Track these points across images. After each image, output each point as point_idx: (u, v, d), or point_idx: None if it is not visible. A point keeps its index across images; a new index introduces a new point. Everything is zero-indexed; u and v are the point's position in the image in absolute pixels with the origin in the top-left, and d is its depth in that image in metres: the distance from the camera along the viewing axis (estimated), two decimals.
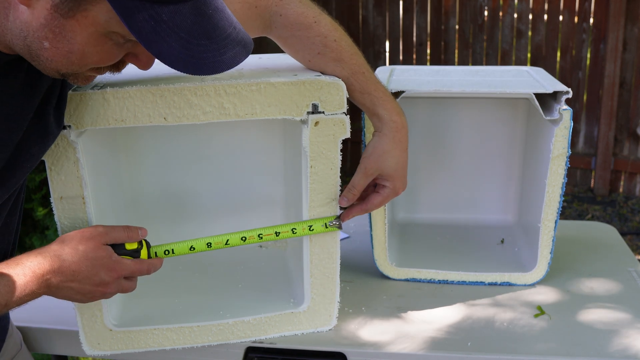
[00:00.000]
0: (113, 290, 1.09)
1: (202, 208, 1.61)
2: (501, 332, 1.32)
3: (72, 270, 1.01)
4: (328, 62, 1.20)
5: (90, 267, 1.03)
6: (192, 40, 0.83)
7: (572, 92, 1.37)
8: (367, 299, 1.45)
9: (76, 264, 1.02)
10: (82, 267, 1.02)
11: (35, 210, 3.15)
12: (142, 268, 1.12)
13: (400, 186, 1.26)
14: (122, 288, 1.10)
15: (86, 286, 1.04)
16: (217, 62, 0.86)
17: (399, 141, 1.23)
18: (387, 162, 1.22)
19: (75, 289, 1.03)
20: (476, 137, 1.77)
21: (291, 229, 1.22)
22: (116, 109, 1.12)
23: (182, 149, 1.57)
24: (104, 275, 1.05)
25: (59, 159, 1.12)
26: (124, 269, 1.08)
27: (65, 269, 1.00)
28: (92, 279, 1.04)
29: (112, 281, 1.07)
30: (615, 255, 1.68)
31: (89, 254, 1.03)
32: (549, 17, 4.58)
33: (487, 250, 1.66)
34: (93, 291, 1.06)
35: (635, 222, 4.25)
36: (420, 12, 4.89)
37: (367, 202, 1.26)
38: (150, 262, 1.13)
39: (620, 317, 1.37)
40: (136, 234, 1.12)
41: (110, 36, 0.85)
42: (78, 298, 1.06)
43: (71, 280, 1.01)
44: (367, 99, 1.21)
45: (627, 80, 4.40)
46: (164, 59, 0.83)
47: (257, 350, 1.30)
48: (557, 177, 1.40)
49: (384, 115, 1.21)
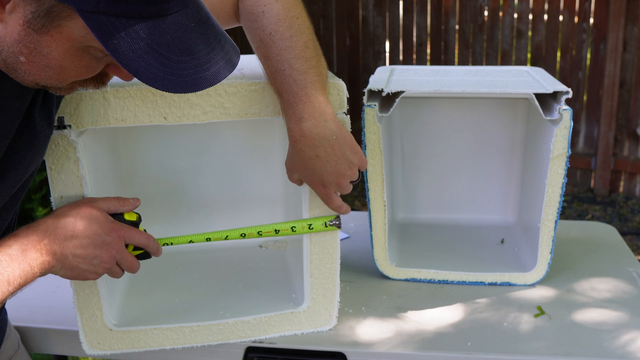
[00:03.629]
0: (118, 253, 1.05)
1: (202, 208, 1.61)
2: (501, 332, 1.32)
3: (70, 231, 0.99)
4: (260, 58, 1.13)
5: (88, 226, 1.01)
6: (172, 57, 0.79)
7: (572, 92, 1.37)
8: (367, 299, 1.45)
9: (72, 225, 1.00)
10: (79, 227, 1.00)
11: (35, 210, 3.15)
12: (142, 237, 1.08)
13: (323, 192, 1.16)
14: (126, 257, 1.07)
15: (89, 249, 1.00)
16: (199, 79, 0.82)
17: (300, 151, 1.11)
18: (297, 170, 1.16)
19: (80, 255, 1.00)
20: (476, 137, 1.77)
21: (291, 227, 1.22)
22: (116, 109, 1.12)
23: (183, 148, 1.57)
24: (104, 235, 1.02)
25: (59, 159, 1.13)
26: (122, 229, 1.05)
27: (62, 231, 0.98)
28: (93, 238, 1.01)
29: (113, 241, 1.03)
30: (615, 255, 1.68)
31: (82, 214, 1.01)
32: (549, 17, 4.58)
33: (487, 250, 1.66)
34: (99, 255, 1.02)
35: (635, 222, 4.25)
36: (420, 12, 4.90)
37: None
38: (149, 237, 1.10)
39: (620, 317, 1.37)
40: (128, 201, 1.10)
41: (88, 50, 0.82)
42: (87, 267, 1.02)
43: (72, 243, 0.99)
44: (280, 101, 1.12)
45: (627, 80, 4.40)
46: (141, 78, 0.79)
47: (257, 350, 1.30)
48: (557, 177, 1.40)
49: (286, 122, 1.11)
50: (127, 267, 1.09)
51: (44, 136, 1.02)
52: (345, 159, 1.12)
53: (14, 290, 0.94)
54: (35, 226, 0.99)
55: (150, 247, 1.11)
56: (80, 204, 1.05)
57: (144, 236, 1.10)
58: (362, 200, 4.56)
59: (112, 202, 1.08)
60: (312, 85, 1.09)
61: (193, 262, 1.56)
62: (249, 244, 1.64)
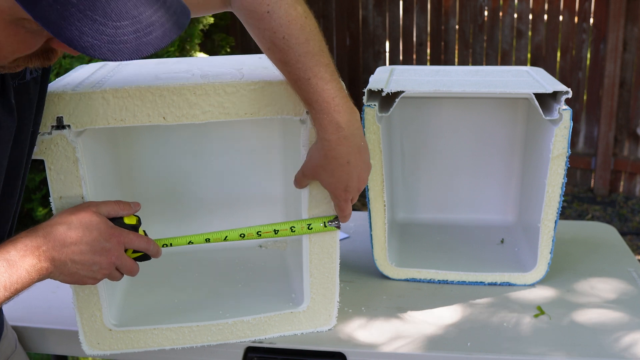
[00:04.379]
0: (118, 259, 1.04)
1: (202, 208, 1.61)
2: (501, 332, 1.32)
3: (69, 237, 0.98)
4: (275, 62, 1.11)
5: (87, 232, 1.00)
6: (108, 22, 0.72)
7: (572, 92, 1.36)
8: (367, 299, 1.45)
9: (72, 231, 0.99)
10: (78, 234, 0.99)
11: (35, 210, 3.15)
12: (141, 242, 1.08)
13: (344, 197, 1.17)
14: (125, 262, 1.06)
15: (88, 256, 1.00)
16: (142, 44, 0.75)
17: (333, 158, 1.12)
18: (321, 176, 1.17)
19: (80, 261, 0.99)
20: (476, 137, 1.77)
21: (290, 227, 1.22)
22: (115, 109, 1.12)
23: (182, 148, 1.57)
24: (103, 242, 1.02)
25: (58, 159, 1.12)
26: (122, 235, 1.05)
27: (61, 238, 0.97)
28: (92, 245, 1.00)
29: (113, 247, 1.03)
30: (615, 255, 1.68)
31: (82, 220, 1.01)
32: (549, 17, 4.58)
33: (487, 250, 1.66)
34: (98, 261, 1.01)
35: (635, 222, 4.25)
36: (420, 12, 4.90)
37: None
38: (149, 240, 1.10)
39: (620, 317, 1.37)
40: (128, 205, 1.09)
41: (21, 23, 0.77)
42: (86, 273, 1.01)
43: (71, 249, 0.98)
44: (309, 109, 1.13)
45: (627, 80, 4.40)
46: (75, 47, 0.73)
47: (256, 350, 1.30)
48: (557, 177, 1.40)
49: (319, 131, 1.12)
50: (127, 271, 1.08)
51: (7, 127, 0.96)
52: (367, 165, 1.17)
53: (11, 296, 0.93)
54: (34, 232, 0.98)
55: (149, 251, 1.11)
56: (80, 209, 1.04)
57: (143, 240, 1.09)
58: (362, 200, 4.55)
59: (112, 206, 1.08)
60: (340, 93, 1.10)
61: (193, 262, 1.55)
62: (248, 244, 1.64)
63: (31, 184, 3.12)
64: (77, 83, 1.16)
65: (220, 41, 4.03)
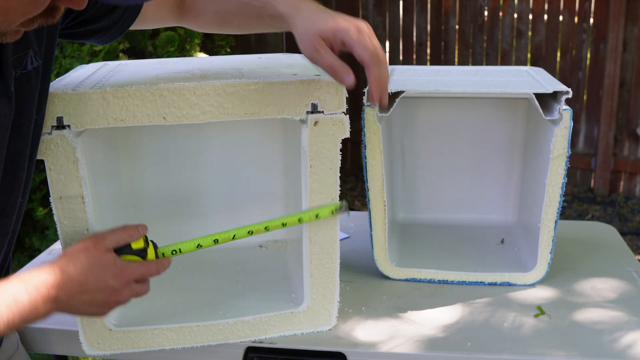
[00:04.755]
0: (126, 296, 1.05)
1: (202, 208, 1.61)
2: (501, 332, 1.32)
3: (79, 281, 0.99)
4: (237, 11, 1.17)
5: (97, 276, 1.00)
6: None
7: (572, 92, 1.37)
8: (367, 299, 1.45)
9: (82, 275, 0.99)
10: (88, 277, 1.00)
11: (35, 210, 3.15)
12: (151, 269, 1.09)
13: (353, 26, 1.14)
14: (135, 292, 1.07)
15: (97, 296, 1.01)
16: None
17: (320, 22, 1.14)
18: (320, 21, 1.14)
19: (87, 301, 1.00)
20: (476, 137, 1.77)
21: (297, 219, 1.21)
22: (115, 109, 1.12)
23: (182, 148, 1.57)
24: (112, 282, 1.02)
25: (58, 159, 1.12)
26: (132, 273, 1.05)
27: (71, 281, 0.98)
28: (102, 288, 1.01)
29: (122, 287, 1.04)
30: (615, 255, 1.68)
31: (93, 262, 1.01)
32: (549, 17, 4.58)
33: (487, 250, 1.66)
34: (106, 301, 1.03)
35: (635, 222, 4.25)
36: (420, 12, 4.90)
37: (365, 68, 1.11)
38: (158, 262, 1.10)
39: (620, 317, 1.37)
40: (136, 231, 1.09)
41: None
42: (94, 311, 1.03)
43: (80, 293, 0.99)
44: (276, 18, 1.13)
45: (627, 80, 4.40)
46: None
47: (257, 350, 1.30)
48: (557, 177, 1.40)
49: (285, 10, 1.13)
50: (136, 297, 1.09)
51: (4, 114, 0.96)
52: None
53: (11, 331, 0.94)
54: (45, 277, 0.97)
55: (160, 273, 1.11)
56: (89, 246, 1.03)
57: (153, 268, 1.09)
58: (362, 200, 4.57)
59: (120, 236, 1.07)
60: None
61: (193, 262, 1.55)
62: (249, 244, 1.64)
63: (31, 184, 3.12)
64: (77, 83, 1.16)
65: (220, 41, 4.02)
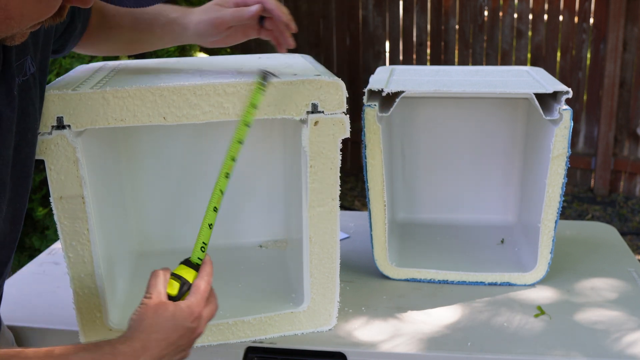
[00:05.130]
0: (203, 326, 1.04)
1: (202, 208, 1.61)
2: (501, 332, 1.32)
3: (164, 340, 0.98)
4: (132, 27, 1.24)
5: (174, 328, 0.99)
6: None
7: (572, 92, 1.37)
8: (367, 299, 1.45)
9: (164, 334, 0.98)
10: (169, 334, 0.99)
11: (35, 210, 3.15)
12: (204, 285, 1.04)
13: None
14: (209, 317, 1.06)
15: (180, 342, 1.00)
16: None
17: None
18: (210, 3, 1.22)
19: (174, 351, 1.00)
20: (476, 137, 1.77)
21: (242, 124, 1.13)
22: (115, 109, 1.12)
23: (182, 148, 1.57)
24: (188, 325, 1.00)
25: (58, 159, 1.12)
26: (198, 304, 1.02)
27: (157, 343, 0.97)
28: (182, 334, 1.00)
29: (197, 322, 1.02)
30: (615, 255, 1.68)
31: (166, 318, 0.99)
32: (549, 17, 4.58)
33: (487, 250, 1.66)
34: (190, 342, 1.02)
35: (635, 222, 4.25)
36: (420, 12, 4.89)
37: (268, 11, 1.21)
38: (203, 271, 1.07)
39: (620, 317, 1.37)
40: (161, 275, 1.06)
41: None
42: (182, 355, 1.02)
43: (167, 348, 0.98)
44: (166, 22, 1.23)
45: (627, 80, 4.40)
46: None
47: (257, 350, 1.30)
48: (557, 177, 1.40)
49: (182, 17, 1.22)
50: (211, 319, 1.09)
51: (8, 115, 0.96)
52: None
53: None
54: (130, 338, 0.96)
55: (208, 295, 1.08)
56: (154, 307, 1.00)
57: (205, 281, 1.06)
58: (362, 200, 4.56)
59: (159, 282, 1.04)
60: None
61: None
62: (249, 244, 1.64)
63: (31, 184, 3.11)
64: (77, 83, 1.16)
65: None
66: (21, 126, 1.00)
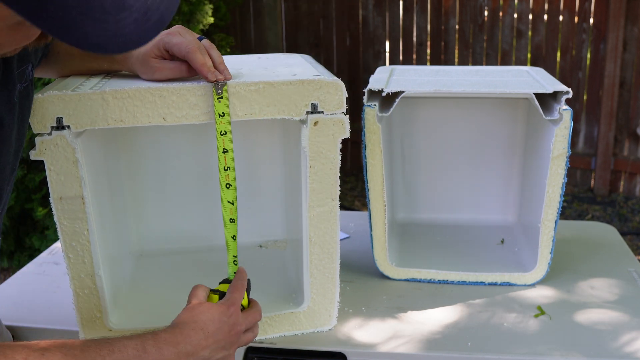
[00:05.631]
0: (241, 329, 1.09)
1: (202, 207, 1.61)
2: (501, 332, 1.32)
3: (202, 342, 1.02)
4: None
5: (213, 338, 1.04)
6: (108, 18, 0.72)
7: (572, 92, 1.37)
8: (367, 299, 1.45)
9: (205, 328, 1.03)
10: (210, 328, 1.04)
11: (35, 210, 3.15)
12: (239, 291, 1.13)
13: (165, 34, 1.15)
14: (248, 321, 1.12)
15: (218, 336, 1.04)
16: (143, 31, 0.75)
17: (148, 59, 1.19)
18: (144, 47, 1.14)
19: (212, 347, 1.03)
20: (476, 137, 1.77)
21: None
22: (115, 109, 1.12)
23: (182, 148, 1.57)
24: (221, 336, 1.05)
25: (58, 159, 1.12)
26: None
27: (196, 342, 1.01)
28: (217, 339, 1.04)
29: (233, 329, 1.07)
30: (615, 255, 1.68)
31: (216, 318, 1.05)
32: (549, 17, 4.58)
33: (487, 250, 1.66)
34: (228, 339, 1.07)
35: (635, 222, 4.25)
36: (420, 12, 4.89)
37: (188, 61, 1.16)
38: (237, 278, 1.16)
39: (620, 317, 1.37)
40: (200, 288, 1.13)
41: (22, 23, 0.76)
42: (223, 354, 1.06)
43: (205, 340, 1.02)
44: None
45: (627, 80, 4.40)
46: (83, 48, 0.74)
47: (257, 350, 1.30)
48: (557, 177, 1.40)
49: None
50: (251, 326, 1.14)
51: (8, 122, 0.97)
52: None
53: None
54: (174, 329, 1.01)
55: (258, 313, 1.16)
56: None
57: (239, 285, 1.15)
58: (362, 200, 4.56)
59: (199, 291, 1.12)
60: None
61: (193, 262, 1.55)
62: (249, 244, 1.64)
63: (31, 184, 3.12)
64: (76, 84, 1.16)
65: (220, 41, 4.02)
66: (21, 132, 1.00)
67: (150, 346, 0.94)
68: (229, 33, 4.56)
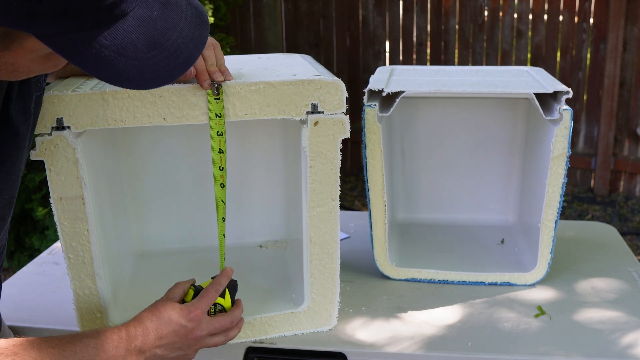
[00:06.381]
0: (200, 334, 1.09)
1: (202, 208, 1.61)
2: (501, 332, 1.32)
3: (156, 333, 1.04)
4: None
5: (167, 339, 1.06)
6: (139, 56, 0.75)
7: (572, 92, 1.37)
8: (367, 299, 1.45)
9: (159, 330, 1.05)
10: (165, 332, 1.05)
11: (35, 210, 3.15)
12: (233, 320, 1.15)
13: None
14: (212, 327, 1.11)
15: (174, 339, 1.06)
16: (172, 69, 0.79)
17: None
18: None
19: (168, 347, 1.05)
20: (476, 137, 1.77)
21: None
22: (115, 110, 1.12)
23: (182, 148, 1.57)
24: (178, 339, 1.07)
25: (58, 160, 1.12)
26: (195, 328, 1.09)
27: (153, 340, 1.03)
28: (175, 330, 1.06)
29: (191, 334, 1.08)
30: (615, 255, 1.68)
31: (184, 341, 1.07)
32: (549, 17, 4.58)
33: (487, 250, 1.66)
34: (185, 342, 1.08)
35: (635, 222, 4.25)
36: (420, 12, 4.89)
37: None
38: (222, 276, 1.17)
39: (620, 317, 1.37)
40: (180, 285, 1.15)
41: (53, 54, 0.78)
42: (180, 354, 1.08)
43: (157, 340, 1.04)
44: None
45: (627, 80, 4.40)
46: (114, 83, 0.78)
47: (257, 350, 1.30)
48: (557, 177, 1.40)
49: None
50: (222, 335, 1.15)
51: (24, 132, 0.99)
52: None
53: None
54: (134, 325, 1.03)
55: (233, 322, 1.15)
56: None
57: (223, 281, 1.17)
58: (362, 200, 4.56)
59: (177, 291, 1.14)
60: None
61: (193, 262, 1.55)
62: (249, 244, 1.64)
63: (31, 184, 3.12)
64: (77, 84, 1.16)
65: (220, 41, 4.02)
66: (31, 140, 1.03)
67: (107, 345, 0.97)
68: (229, 33, 4.56)
